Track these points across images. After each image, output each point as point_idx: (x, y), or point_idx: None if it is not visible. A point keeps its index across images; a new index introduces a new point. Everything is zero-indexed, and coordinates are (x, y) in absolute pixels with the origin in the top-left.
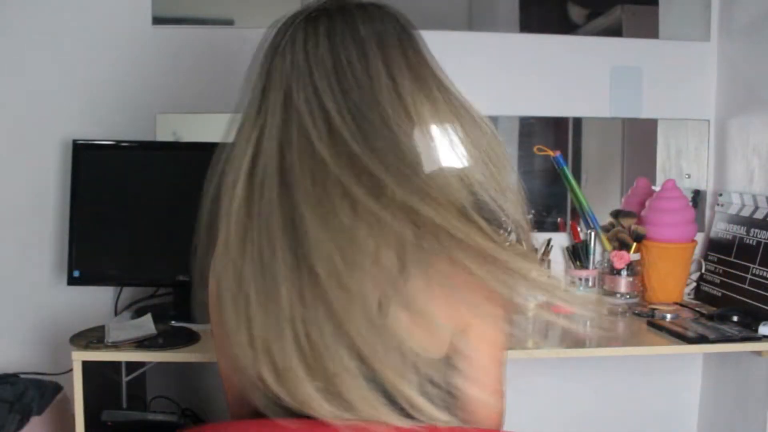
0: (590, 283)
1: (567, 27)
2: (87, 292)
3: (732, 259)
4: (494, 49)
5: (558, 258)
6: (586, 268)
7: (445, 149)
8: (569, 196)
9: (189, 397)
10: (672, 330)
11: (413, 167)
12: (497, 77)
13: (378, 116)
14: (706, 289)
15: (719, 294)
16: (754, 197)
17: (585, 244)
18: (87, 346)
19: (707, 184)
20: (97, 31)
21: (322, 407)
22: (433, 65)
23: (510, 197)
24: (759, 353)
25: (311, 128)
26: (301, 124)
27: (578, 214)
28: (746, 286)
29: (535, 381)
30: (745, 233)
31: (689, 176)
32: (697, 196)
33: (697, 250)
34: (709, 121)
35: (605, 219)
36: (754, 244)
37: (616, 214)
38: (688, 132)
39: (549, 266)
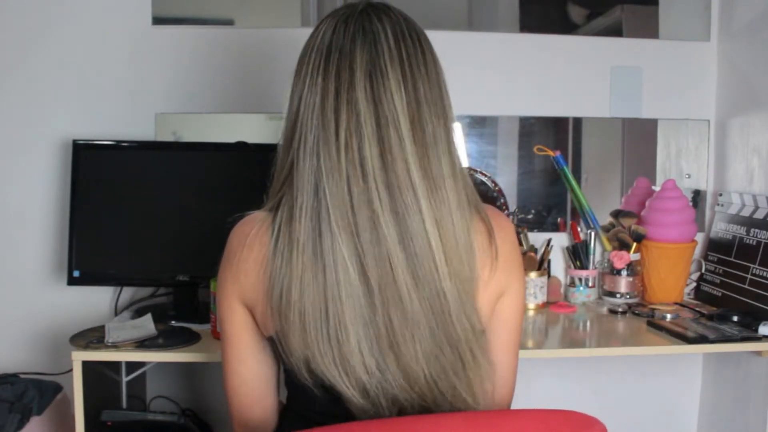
0: (590, 283)
1: (567, 27)
2: (87, 292)
3: (732, 259)
4: (494, 49)
5: (558, 258)
6: (586, 268)
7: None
8: (569, 196)
9: (189, 397)
10: (672, 330)
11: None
12: (497, 77)
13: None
14: (706, 289)
15: (719, 294)
16: (754, 197)
17: (585, 244)
18: (87, 346)
19: (707, 184)
20: (97, 31)
21: None
22: None
23: None
24: (759, 353)
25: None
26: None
27: (578, 214)
28: (746, 286)
29: (535, 381)
30: (745, 233)
31: (689, 176)
32: (697, 196)
33: (697, 250)
34: (709, 121)
35: (605, 219)
36: (754, 244)
37: (616, 214)
38: (688, 132)
39: (549, 266)
